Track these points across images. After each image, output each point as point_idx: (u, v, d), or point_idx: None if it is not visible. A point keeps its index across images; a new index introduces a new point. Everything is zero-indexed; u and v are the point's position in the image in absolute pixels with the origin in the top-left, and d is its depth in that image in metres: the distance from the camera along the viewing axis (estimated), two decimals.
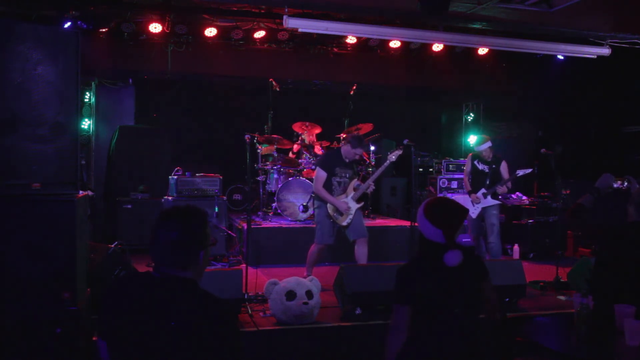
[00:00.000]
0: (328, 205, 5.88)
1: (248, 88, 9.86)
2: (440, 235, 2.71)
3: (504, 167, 6.95)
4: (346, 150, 5.96)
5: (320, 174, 5.91)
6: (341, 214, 5.88)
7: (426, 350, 2.65)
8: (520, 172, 6.79)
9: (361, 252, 5.90)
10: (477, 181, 7.00)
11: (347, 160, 5.98)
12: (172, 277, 2.05)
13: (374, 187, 6.22)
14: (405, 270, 2.77)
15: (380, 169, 6.27)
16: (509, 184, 6.97)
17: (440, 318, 2.67)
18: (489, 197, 6.87)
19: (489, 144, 6.96)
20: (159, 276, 2.06)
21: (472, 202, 6.95)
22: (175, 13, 8.40)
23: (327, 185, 5.91)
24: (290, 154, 8.52)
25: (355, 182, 6.04)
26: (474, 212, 6.89)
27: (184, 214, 2.10)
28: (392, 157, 6.20)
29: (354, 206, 5.93)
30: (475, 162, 7.05)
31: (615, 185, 3.78)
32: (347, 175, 5.99)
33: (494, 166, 6.94)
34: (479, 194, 6.88)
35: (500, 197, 6.99)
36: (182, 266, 2.06)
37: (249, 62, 9.30)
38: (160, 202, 7.51)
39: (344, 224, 5.89)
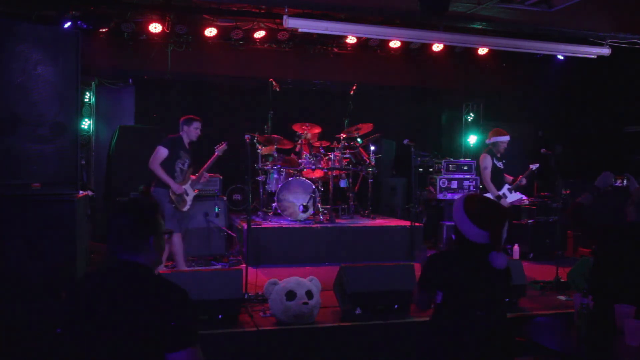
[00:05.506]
0: (170, 191, 5.99)
1: (248, 88, 9.84)
2: (485, 236, 2.69)
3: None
4: (186, 131, 6.20)
5: (161, 151, 6.05)
6: (183, 200, 6.09)
7: (446, 343, 2.66)
8: (534, 167, 6.75)
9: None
10: (498, 180, 6.85)
11: (187, 146, 6.26)
12: (126, 262, 2.16)
13: (207, 177, 6.57)
14: (433, 259, 2.82)
15: (210, 161, 6.52)
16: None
17: (463, 313, 2.67)
18: (513, 192, 6.71)
19: (508, 137, 6.89)
20: (114, 265, 2.17)
21: None
22: (175, 13, 8.40)
23: (170, 171, 6.08)
24: (293, 155, 8.49)
25: (191, 172, 6.34)
26: None
27: (132, 202, 2.30)
28: (219, 151, 6.50)
29: (192, 194, 6.27)
30: (495, 161, 6.87)
31: (614, 184, 3.78)
32: (187, 163, 6.24)
33: (504, 161, 6.89)
34: (505, 190, 6.73)
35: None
36: (133, 249, 2.17)
37: (249, 62, 9.30)
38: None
39: (184, 209, 6.14)
